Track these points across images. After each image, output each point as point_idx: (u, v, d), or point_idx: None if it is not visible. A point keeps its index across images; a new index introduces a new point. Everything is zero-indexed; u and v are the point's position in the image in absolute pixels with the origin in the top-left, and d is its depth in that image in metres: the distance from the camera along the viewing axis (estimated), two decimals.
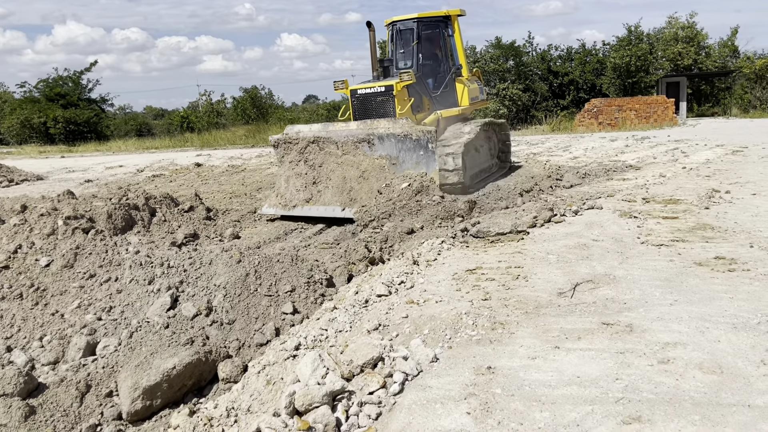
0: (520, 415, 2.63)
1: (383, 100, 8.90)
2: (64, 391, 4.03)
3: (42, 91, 36.97)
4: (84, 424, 3.85)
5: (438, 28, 10.29)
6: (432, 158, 7.65)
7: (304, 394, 2.77)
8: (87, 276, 5.24)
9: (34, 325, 4.89)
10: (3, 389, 4.01)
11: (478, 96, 11.24)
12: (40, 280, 5.25)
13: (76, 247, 5.54)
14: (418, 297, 4.23)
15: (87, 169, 18.85)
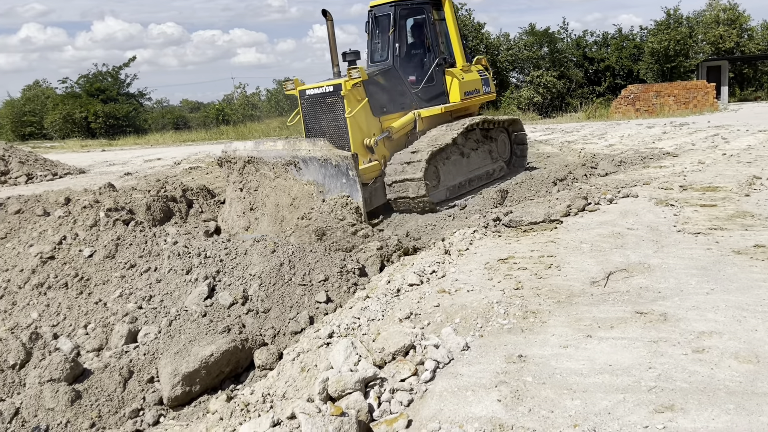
0: (551, 403, 2.64)
1: (332, 102, 7.71)
2: (108, 376, 4.18)
3: (83, 86, 37.89)
4: (127, 409, 4.00)
5: (422, 12, 8.99)
6: (354, 187, 6.60)
7: (337, 380, 2.83)
8: (128, 266, 5.41)
9: (78, 313, 5.07)
10: (50, 375, 4.19)
11: (479, 89, 9.71)
12: (84, 270, 5.44)
13: (117, 238, 5.71)
14: (450, 286, 4.25)
15: (126, 162, 19.30)
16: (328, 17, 7.94)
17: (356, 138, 7.58)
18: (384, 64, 8.69)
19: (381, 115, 8.04)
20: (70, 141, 33.15)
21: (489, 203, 7.29)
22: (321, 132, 7.86)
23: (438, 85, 9.05)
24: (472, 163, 8.82)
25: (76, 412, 3.92)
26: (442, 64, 9.05)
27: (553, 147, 13.10)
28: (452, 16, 9.25)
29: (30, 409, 3.90)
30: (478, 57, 10.33)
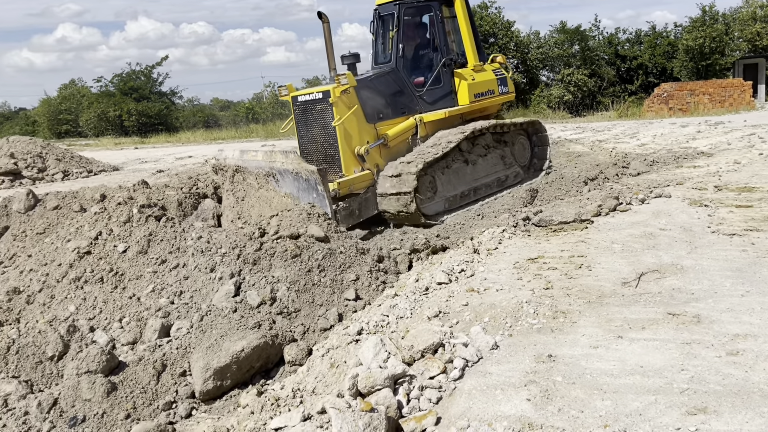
0: (581, 403, 2.63)
1: (322, 109, 7.38)
2: (143, 369, 4.28)
3: (117, 85, 38.60)
4: (161, 401, 4.09)
5: (429, 10, 8.52)
6: (324, 202, 6.31)
7: (367, 376, 2.86)
8: (159, 261, 5.51)
9: (113, 307, 5.19)
10: (87, 366, 4.30)
11: (494, 90, 9.07)
12: (118, 265, 5.56)
13: (149, 234, 5.82)
14: (479, 285, 4.25)
15: (158, 159, 19.63)
16: (323, 19, 7.56)
17: (346, 147, 7.28)
18: (386, 66, 8.33)
19: (376, 122, 7.66)
20: (104, 139, 33.83)
21: (518, 202, 7.25)
22: (312, 140, 7.62)
23: (445, 87, 8.60)
24: (479, 170, 8.31)
25: (111, 403, 4.02)
26: (450, 64, 8.56)
27: (583, 146, 12.94)
28: (464, 12, 8.77)
29: (68, 399, 4.01)
30: (494, 55, 9.82)
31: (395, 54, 8.19)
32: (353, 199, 7.08)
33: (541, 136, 9.59)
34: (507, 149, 8.92)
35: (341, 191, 6.99)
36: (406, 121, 7.94)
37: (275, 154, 6.75)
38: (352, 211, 7.01)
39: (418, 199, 7.01)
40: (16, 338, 4.80)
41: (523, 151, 9.39)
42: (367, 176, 7.36)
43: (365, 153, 7.30)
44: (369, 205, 7.23)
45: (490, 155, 8.54)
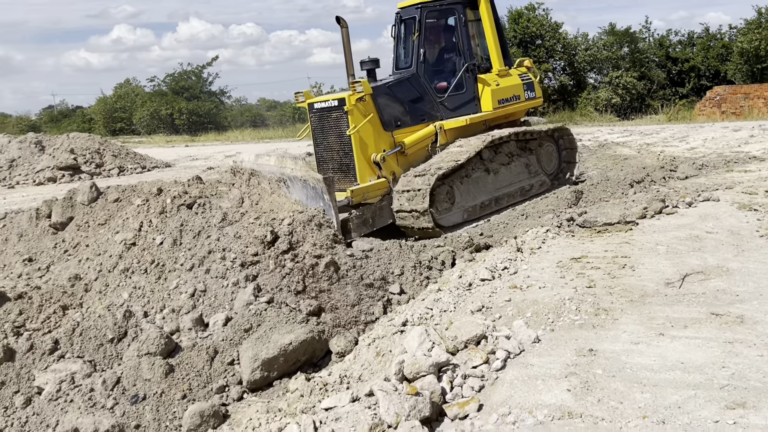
0: (620, 395, 2.71)
1: (337, 117, 7.26)
2: (197, 354, 4.51)
3: (169, 84, 39.75)
4: (214, 384, 4.31)
5: (453, 13, 8.27)
6: (330, 211, 6.16)
7: (412, 363, 3.00)
8: (191, 254, 5.69)
9: (158, 297, 5.43)
10: (147, 349, 4.55)
11: (520, 95, 8.80)
12: (158, 256, 5.79)
13: (181, 224, 6.01)
14: (522, 282, 4.34)
15: (209, 157, 20.19)
16: (342, 24, 7.39)
17: (361, 156, 7.21)
18: (407, 71, 8.15)
19: (394, 129, 7.52)
20: (156, 136, 34.92)
21: (563, 203, 7.28)
22: (328, 147, 7.54)
23: (468, 93, 8.34)
24: (501, 179, 8.05)
25: (169, 384, 4.25)
26: (474, 69, 8.31)
27: (630, 149, 12.79)
28: (489, 14, 8.51)
29: (129, 378, 4.27)
30: (521, 59, 9.50)
31: (416, 59, 8.01)
32: (367, 208, 6.98)
33: (568, 142, 9.33)
34: (532, 157, 8.65)
35: (354, 199, 6.92)
36: (424, 129, 7.79)
37: (286, 159, 6.77)
38: (366, 219, 6.90)
39: (434, 212, 6.86)
40: (80, 321, 5.11)
41: (549, 158, 9.11)
42: (383, 184, 7.27)
43: (381, 160, 7.20)
44: (383, 214, 7.13)
45: (513, 163, 8.30)
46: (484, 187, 7.79)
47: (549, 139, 9.06)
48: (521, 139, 8.40)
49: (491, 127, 8.36)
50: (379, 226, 7.06)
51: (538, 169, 8.72)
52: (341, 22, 7.34)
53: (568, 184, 8.99)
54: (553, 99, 26.25)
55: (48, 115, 54.00)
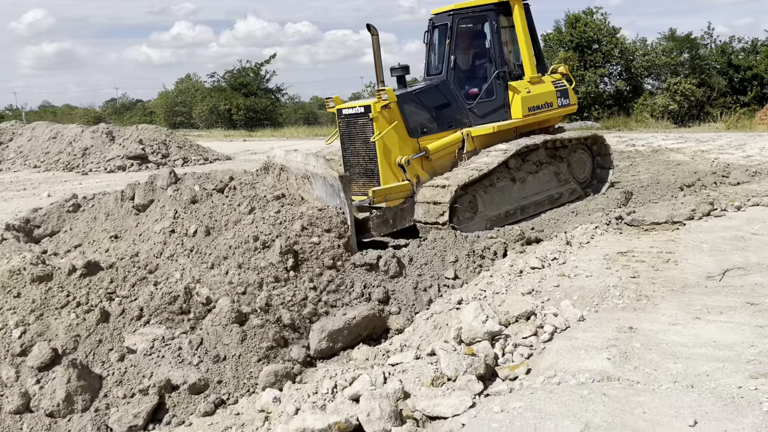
0: (654, 364, 3.05)
1: (363, 123, 7.34)
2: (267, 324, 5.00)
3: (228, 81, 41.03)
4: (286, 350, 4.79)
5: (486, 20, 8.26)
6: (345, 210, 6.09)
7: (469, 330, 3.40)
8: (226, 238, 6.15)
9: (210, 282, 5.90)
10: (220, 321, 5.08)
11: (553, 102, 8.67)
12: (195, 242, 6.24)
13: (211, 210, 6.45)
14: (570, 271, 4.68)
15: (266, 151, 20.89)
16: (372, 31, 7.41)
17: (385, 162, 7.29)
18: (437, 78, 8.14)
19: (420, 136, 7.54)
20: (214, 131, 36.13)
21: (612, 203, 7.52)
22: (354, 152, 7.63)
23: (498, 100, 8.23)
24: (528, 188, 7.92)
25: (245, 348, 4.76)
26: (504, 76, 8.20)
27: (684, 155, 12.80)
28: (523, 21, 8.42)
29: (211, 341, 4.78)
30: (555, 66, 9.43)
31: (446, 65, 8.02)
32: (389, 209, 7.10)
33: (603, 150, 9.19)
34: (563, 165, 8.55)
35: (375, 200, 7.05)
36: (451, 136, 7.78)
37: (310, 157, 6.87)
38: (386, 220, 7.02)
39: (456, 221, 6.88)
40: (153, 292, 5.67)
41: (582, 166, 8.98)
42: (406, 187, 7.32)
43: (406, 164, 7.29)
44: (405, 216, 7.20)
45: (542, 172, 8.18)
46: (510, 196, 7.72)
47: (582, 146, 8.98)
48: (550, 147, 8.38)
49: (522, 134, 8.37)
50: (400, 227, 7.19)
51: (568, 177, 8.63)
52: (371, 30, 7.46)
53: (602, 190, 8.92)
54: (608, 104, 26.07)
55: (111, 108, 56.39)
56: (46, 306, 5.08)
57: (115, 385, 4.36)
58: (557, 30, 27.08)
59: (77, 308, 5.10)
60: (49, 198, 12.32)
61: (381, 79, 7.61)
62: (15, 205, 11.80)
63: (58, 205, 7.78)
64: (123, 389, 4.33)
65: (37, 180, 16.29)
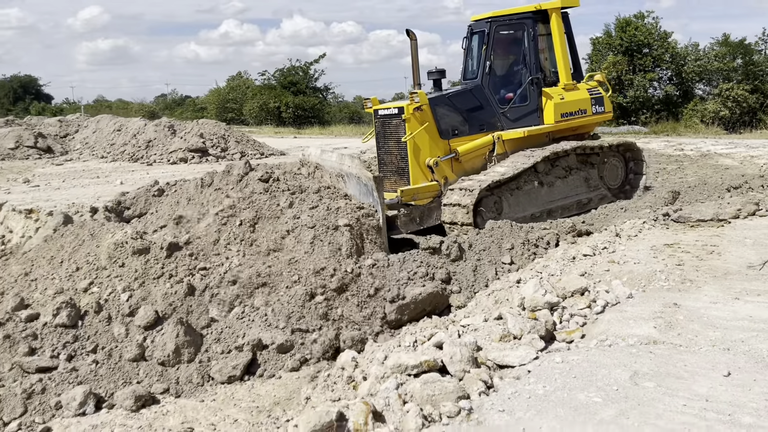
0: (695, 332, 3.51)
1: (397, 124, 7.68)
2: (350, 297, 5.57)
3: (278, 79, 42.14)
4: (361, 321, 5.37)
5: (522, 27, 8.48)
6: (378, 209, 6.39)
7: (531, 299, 3.92)
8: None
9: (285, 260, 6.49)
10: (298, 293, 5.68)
11: (587, 109, 8.84)
12: (242, 231, 6.83)
13: (261, 192, 6.93)
14: (619, 259, 5.13)
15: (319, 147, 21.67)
16: (411, 37, 7.79)
17: (415, 161, 7.64)
18: (472, 82, 8.42)
19: (451, 138, 7.87)
20: (264, 127, 37.22)
21: (660, 201, 7.88)
22: (388, 151, 8.00)
23: (531, 105, 8.51)
24: (555, 192, 8.14)
25: (325, 320, 5.35)
26: (538, 82, 8.46)
27: (733, 160, 12.96)
28: (560, 29, 8.62)
29: (295, 313, 5.38)
30: (592, 73, 9.65)
31: (482, 70, 8.28)
32: (416, 208, 7.43)
33: (636, 156, 9.34)
34: (593, 171, 8.74)
35: (403, 198, 7.39)
36: (482, 138, 8.05)
37: (345, 157, 7.24)
38: (413, 218, 7.37)
39: (480, 221, 7.14)
40: (222, 273, 6.28)
41: (614, 173, 9.17)
42: (433, 187, 7.65)
43: (434, 165, 7.61)
44: (431, 215, 7.54)
45: (571, 177, 8.40)
46: (536, 200, 7.94)
47: (614, 153, 9.14)
48: (581, 153, 8.58)
49: (555, 139, 8.58)
50: (426, 225, 7.52)
51: (598, 183, 8.81)
52: (411, 35, 7.86)
53: (635, 195, 9.06)
54: (657, 109, 26.00)
55: (163, 103, 58.31)
56: (146, 275, 5.78)
57: (214, 342, 5.02)
58: (607, 33, 27.10)
59: (170, 279, 5.78)
60: (122, 185, 13.26)
61: (417, 82, 8.03)
62: (93, 191, 12.77)
63: (145, 189, 8.56)
64: (221, 346, 4.98)
65: (106, 169, 17.36)
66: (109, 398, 4.47)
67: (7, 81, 66.83)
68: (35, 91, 67.27)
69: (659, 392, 2.80)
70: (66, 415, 4.29)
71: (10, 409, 4.31)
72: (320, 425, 2.55)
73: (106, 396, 4.49)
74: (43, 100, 65.41)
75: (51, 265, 6.28)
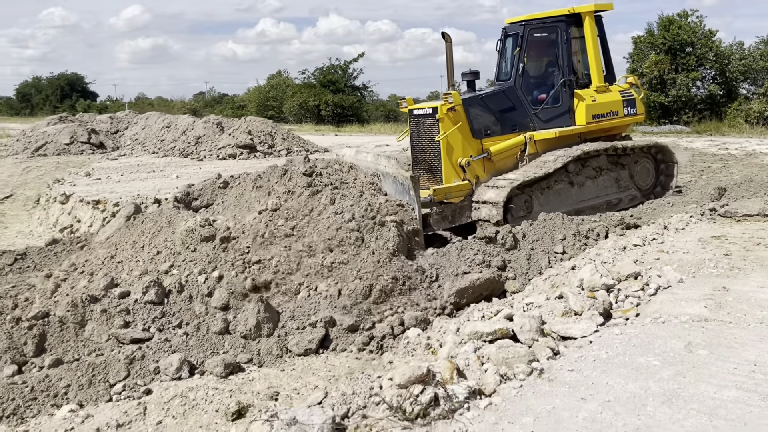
0: (744, 311, 3.83)
1: (431, 123, 7.95)
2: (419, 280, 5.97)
3: (317, 78, 42.84)
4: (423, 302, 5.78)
5: (556, 30, 8.66)
6: (414, 207, 6.67)
7: (590, 280, 4.28)
8: None
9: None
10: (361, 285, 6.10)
11: (619, 111, 9.02)
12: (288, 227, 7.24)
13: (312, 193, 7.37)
14: (668, 248, 5.44)
15: (360, 145, 22.13)
16: (446, 38, 8.05)
17: (448, 160, 7.89)
18: (505, 83, 8.65)
19: (483, 137, 8.09)
20: (304, 125, 37.92)
21: (706, 197, 8.10)
22: (422, 150, 8.27)
23: (563, 107, 8.70)
24: (585, 192, 8.33)
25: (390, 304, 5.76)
26: (570, 85, 8.64)
27: None
28: (593, 32, 8.78)
29: (357, 296, 5.81)
30: (625, 75, 9.79)
31: (515, 72, 8.48)
32: (447, 206, 7.67)
33: (668, 158, 9.46)
34: (624, 172, 8.90)
35: (436, 198, 7.64)
36: (514, 139, 8.27)
37: (380, 157, 7.46)
38: (445, 216, 7.64)
39: (510, 218, 7.41)
40: (281, 259, 6.70)
41: (645, 174, 9.30)
42: (465, 186, 7.89)
43: (466, 165, 7.85)
44: (463, 213, 7.80)
45: (601, 177, 8.58)
46: (567, 199, 8.11)
47: (645, 154, 9.26)
48: (611, 154, 8.74)
49: (586, 140, 8.73)
50: (457, 223, 7.81)
51: (629, 183, 8.95)
52: (446, 38, 8.14)
53: (666, 195, 9.22)
54: (699, 108, 25.78)
55: (203, 101, 59.62)
56: (216, 260, 6.29)
57: (289, 319, 5.49)
58: (649, 32, 26.95)
59: (232, 265, 6.23)
60: (178, 179, 13.93)
61: (452, 83, 8.30)
62: (152, 184, 13.44)
63: (211, 181, 9.11)
64: (296, 322, 5.45)
65: (159, 164, 18.11)
66: (200, 365, 4.98)
67: (55, 79, 69.24)
68: (81, 89, 69.52)
69: (712, 358, 3.14)
70: (164, 379, 4.81)
71: (115, 373, 4.84)
72: (414, 377, 2.97)
73: (197, 363, 4.99)
74: (89, 97, 67.52)
75: (134, 249, 6.86)
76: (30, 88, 71.84)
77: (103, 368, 4.85)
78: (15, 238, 11.45)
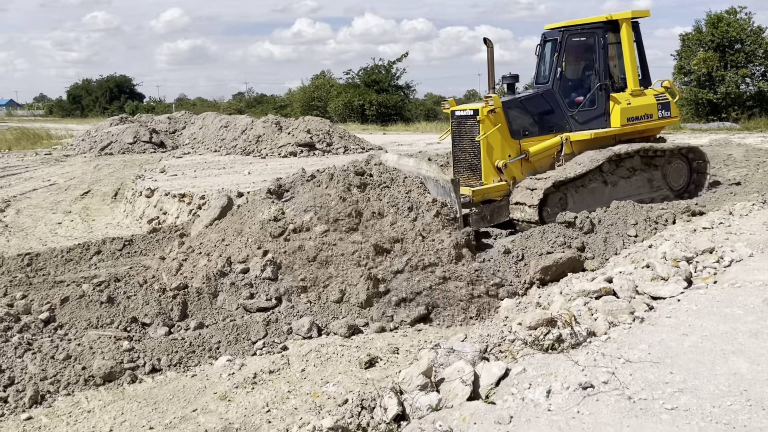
0: None
1: (471, 124, 8.30)
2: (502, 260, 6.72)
3: (361, 78, 43.76)
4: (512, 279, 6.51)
5: (594, 36, 8.93)
6: (455, 208, 7.08)
7: (671, 252, 4.96)
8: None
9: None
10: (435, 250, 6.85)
11: (653, 114, 9.28)
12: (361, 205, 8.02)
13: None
14: (735, 230, 6.05)
15: (411, 143, 22.92)
16: (488, 44, 8.42)
17: (487, 159, 8.28)
18: (543, 86, 9.03)
19: (521, 138, 8.48)
20: (350, 124, 38.88)
21: (766, 188, 8.62)
22: (462, 149, 8.66)
23: (598, 109, 9.00)
24: (619, 191, 8.57)
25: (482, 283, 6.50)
26: (607, 88, 8.95)
27: None
28: (629, 38, 9.09)
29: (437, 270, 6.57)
30: (661, 80, 9.99)
31: (553, 76, 8.87)
32: (486, 206, 8.09)
33: (699, 157, 9.72)
34: (657, 172, 9.19)
35: (475, 198, 8.05)
36: (551, 140, 8.67)
37: (422, 162, 8.01)
38: (484, 215, 8.03)
39: (546, 215, 7.83)
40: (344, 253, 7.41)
41: (678, 175, 9.56)
42: (503, 187, 8.31)
43: (503, 167, 8.26)
44: (501, 212, 8.23)
45: (634, 177, 8.88)
46: (600, 198, 8.32)
47: (678, 156, 9.57)
48: (644, 156, 9.05)
49: (621, 142, 9.02)
50: (496, 222, 8.27)
51: (661, 184, 9.25)
52: (487, 43, 8.53)
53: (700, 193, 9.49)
54: (749, 105, 25.78)
55: (244, 101, 61.09)
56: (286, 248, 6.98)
57: (393, 295, 6.27)
58: (697, 29, 27.02)
59: (304, 252, 6.90)
60: (249, 175, 14.91)
61: (492, 86, 8.73)
62: (228, 179, 14.43)
63: (300, 175, 9.99)
64: (397, 298, 6.21)
65: (225, 162, 19.16)
66: (325, 327, 5.80)
67: (104, 81, 71.80)
68: (129, 90, 71.91)
69: None
70: (296, 338, 5.65)
71: (255, 332, 5.70)
72: (542, 320, 3.71)
73: (322, 326, 5.82)
74: (136, 98, 69.80)
75: (239, 234, 7.73)
76: (80, 90, 74.49)
77: (245, 329, 5.72)
78: (105, 229, 12.50)
